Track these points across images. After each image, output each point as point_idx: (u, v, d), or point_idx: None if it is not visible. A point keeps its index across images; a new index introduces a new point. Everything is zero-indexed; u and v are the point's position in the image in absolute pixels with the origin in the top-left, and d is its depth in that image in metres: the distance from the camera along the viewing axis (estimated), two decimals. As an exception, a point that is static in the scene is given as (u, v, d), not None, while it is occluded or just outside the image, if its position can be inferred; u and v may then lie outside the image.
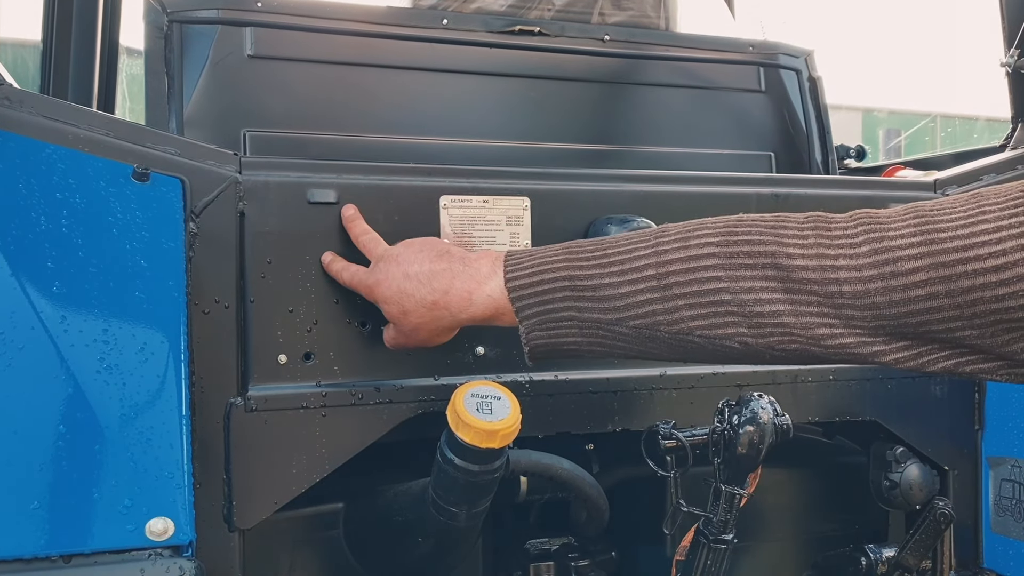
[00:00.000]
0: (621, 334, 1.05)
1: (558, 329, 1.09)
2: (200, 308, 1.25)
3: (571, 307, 1.07)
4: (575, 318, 1.07)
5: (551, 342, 1.10)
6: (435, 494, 1.31)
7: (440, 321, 1.19)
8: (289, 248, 1.30)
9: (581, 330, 1.07)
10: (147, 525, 0.95)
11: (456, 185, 1.39)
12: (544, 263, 1.10)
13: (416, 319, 1.20)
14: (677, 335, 1.01)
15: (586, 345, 1.09)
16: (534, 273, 1.10)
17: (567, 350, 1.11)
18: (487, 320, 1.16)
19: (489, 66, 2.02)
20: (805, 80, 2.23)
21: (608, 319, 1.05)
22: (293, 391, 1.30)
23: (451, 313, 1.17)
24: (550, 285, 1.09)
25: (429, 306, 1.18)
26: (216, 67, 1.81)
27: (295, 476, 1.30)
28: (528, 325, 1.11)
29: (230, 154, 1.30)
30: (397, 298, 1.20)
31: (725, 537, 1.36)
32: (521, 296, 1.11)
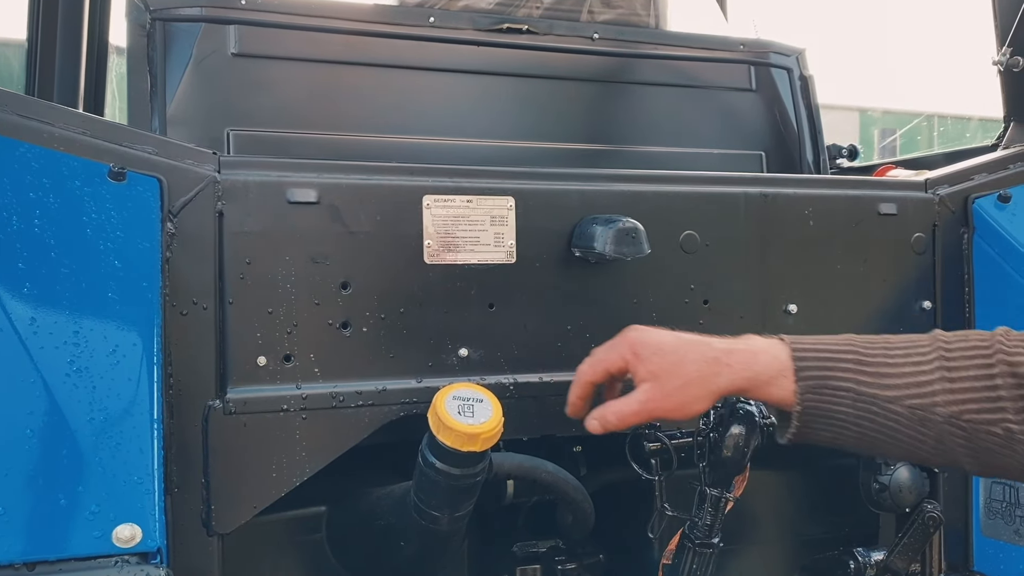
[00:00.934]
0: (894, 413, 1.10)
1: (834, 397, 1.12)
2: (178, 309, 1.23)
3: (852, 379, 1.11)
4: (853, 390, 1.11)
5: (822, 407, 1.13)
6: (417, 498, 1.30)
7: (715, 380, 1.16)
8: (268, 249, 1.28)
9: (855, 403, 1.11)
10: (114, 532, 0.93)
11: (439, 185, 1.38)
12: (828, 339, 1.16)
13: (692, 375, 1.17)
14: (950, 419, 1.08)
15: (854, 419, 1.12)
16: (818, 344, 1.15)
17: (835, 422, 1.13)
18: (762, 384, 1.15)
19: (476, 64, 2.00)
20: (796, 79, 2.22)
21: (886, 395, 1.10)
22: (272, 393, 1.28)
23: (732, 370, 1.16)
24: (835, 355, 1.14)
25: (710, 361, 1.16)
26: (199, 65, 1.79)
27: (275, 480, 1.28)
28: (804, 386, 1.13)
29: (209, 153, 1.28)
30: (674, 348, 1.18)
31: (711, 541, 1.34)
32: (805, 358, 1.14)
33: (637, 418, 1.20)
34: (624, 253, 1.38)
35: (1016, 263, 1.64)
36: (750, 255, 1.54)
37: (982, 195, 1.71)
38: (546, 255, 1.42)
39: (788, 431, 1.15)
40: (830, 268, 1.59)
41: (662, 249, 1.48)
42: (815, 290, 1.58)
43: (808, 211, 1.59)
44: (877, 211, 1.63)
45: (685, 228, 1.50)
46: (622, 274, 1.46)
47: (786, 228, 1.57)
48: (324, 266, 1.31)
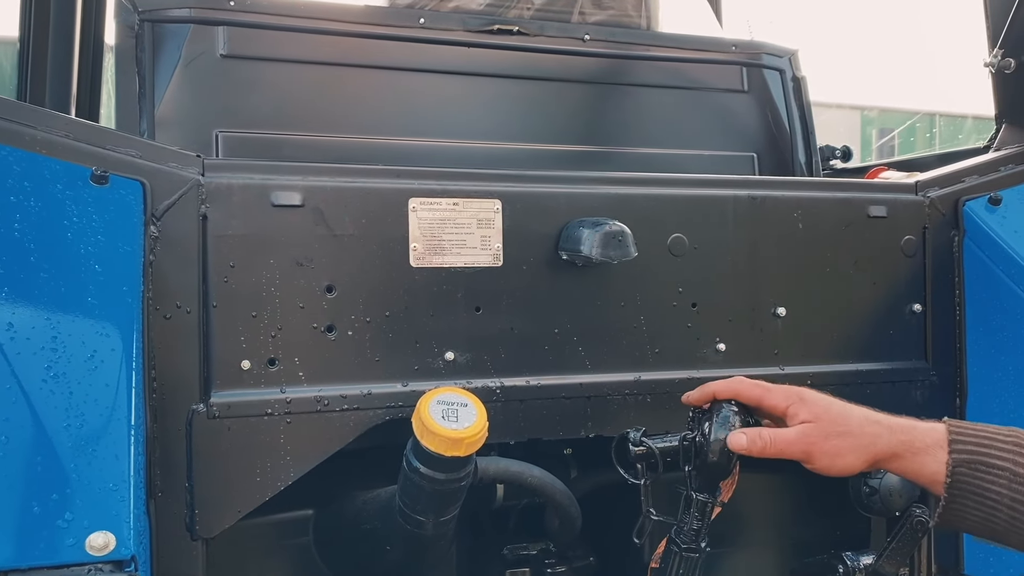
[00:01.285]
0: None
1: (988, 474, 1.12)
2: (161, 313, 1.23)
3: (1010, 459, 1.11)
4: (1010, 470, 1.11)
5: (974, 484, 1.12)
6: (402, 502, 1.29)
7: (873, 440, 1.18)
8: (253, 252, 1.28)
9: (1011, 483, 1.10)
10: (87, 540, 0.93)
11: (425, 187, 1.37)
12: (991, 426, 1.16)
13: (854, 427, 1.19)
14: None
15: (1008, 501, 1.11)
16: (978, 426, 1.16)
17: (987, 501, 1.12)
18: (917, 451, 1.16)
19: (467, 66, 2.00)
20: (789, 80, 2.21)
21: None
22: (257, 397, 1.27)
23: (890, 433, 1.18)
24: (995, 436, 1.14)
25: (872, 422, 1.19)
26: (188, 67, 1.79)
27: (259, 484, 1.27)
28: (957, 459, 1.13)
29: (193, 156, 1.28)
30: (841, 405, 1.21)
31: (697, 546, 1.33)
32: (963, 433, 1.14)
33: (790, 448, 1.21)
34: (610, 256, 1.38)
35: (1006, 267, 1.63)
36: (739, 258, 1.54)
37: (972, 197, 1.70)
38: (533, 258, 1.42)
39: (937, 508, 1.14)
40: (819, 271, 1.59)
41: (650, 252, 1.47)
42: (804, 293, 1.57)
43: (797, 213, 1.58)
44: (867, 214, 1.63)
45: (673, 231, 1.50)
46: (609, 277, 1.45)
47: (775, 230, 1.56)
48: (309, 269, 1.30)
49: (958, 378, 1.66)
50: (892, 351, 1.63)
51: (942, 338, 1.66)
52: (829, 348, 1.59)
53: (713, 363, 1.52)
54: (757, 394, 1.25)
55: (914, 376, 1.64)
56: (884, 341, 1.62)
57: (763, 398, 1.25)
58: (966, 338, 1.65)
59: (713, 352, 1.52)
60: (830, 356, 1.59)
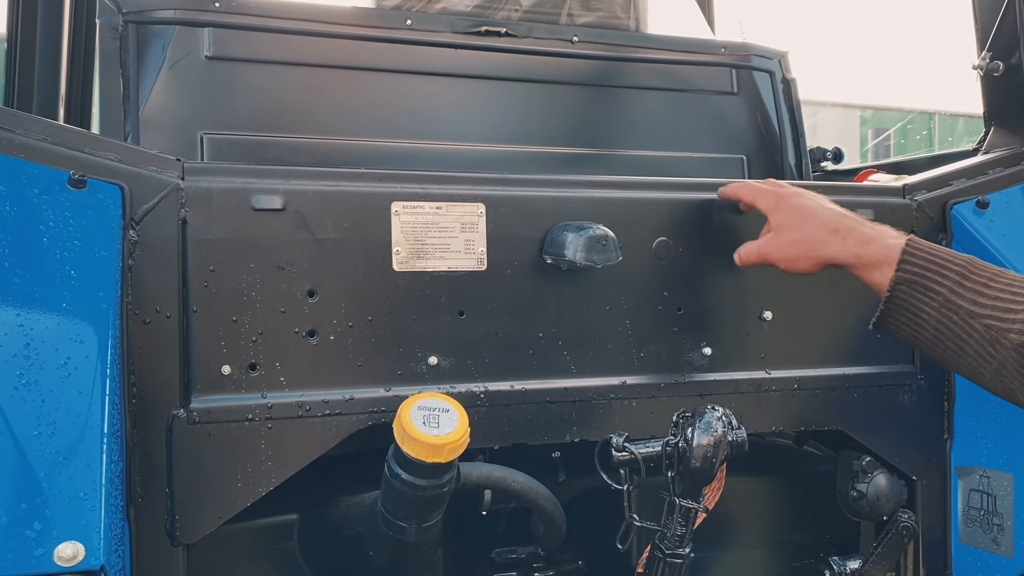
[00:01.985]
0: (972, 328, 1.18)
1: (924, 295, 1.21)
2: (141, 318, 1.22)
3: (947, 287, 1.20)
4: (944, 296, 1.20)
5: (910, 303, 1.22)
6: (384, 508, 1.29)
7: (825, 248, 1.31)
8: (233, 256, 1.27)
9: (941, 308, 1.20)
10: (56, 550, 0.92)
11: (408, 191, 1.36)
12: (946, 250, 1.25)
13: (808, 235, 1.33)
14: (1018, 347, 1.14)
15: (935, 322, 1.21)
16: (934, 249, 1.24)
17: (918, 320, 1.22)
18: (866, 265, 1.28)
19: (454, 68, 1.99)
20: (779, 82, 2.20)
21: (971, 310, 1.18)
22: (238, 403, 1.27)
23: (843, 246, 1.30)
24: (942, 263, 1.22)
25: (830, 230, 1.32)
26: (173, 68, 1.78)
27: (240, 490, 1.27)
28: (900, 278, 1.23)
29: (172, 159, 1.27)
30: (805, 208, 1.34)
31: (681, 552, 1.33)
32: (913, 255, 1.23)
33: (755, 258, 1.41)
34: (595, 260, 1.37)
35: (994, 269, 1.63)
36: (725, 261, 1.52)
37: (960, 201, 1.69)
38: (517, 262, 1.41)
39: (874, 315, 1.26)
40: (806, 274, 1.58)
41: (635, 256, 1.46)
42: (790, 297, 1.57)
43: None
44: None
45: (658, 235, 1.49)
46: (594, 281, 1.45)
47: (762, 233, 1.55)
48: (290, 273, 1.30)
49: (946, 382, 1.65)
50: (879, 355, 1.62)
51: None
52: (816, 352, 1.58)
53: (699, 367, 1.51)
54: (749, 196, 1.44)
55: (902, 380, 1.63)
56: (871, 345, 1.61)
57: (754, 200, 1.42)
58: (954, 341, 1.64)
59: (699, 356, 1.51)
60: (817, 360, 1.58)
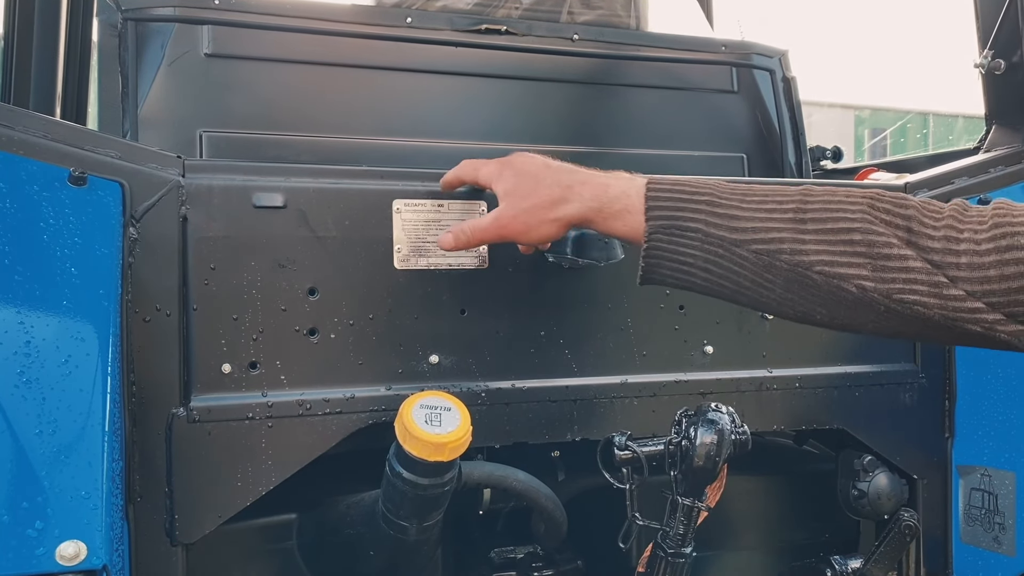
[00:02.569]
0: (740, 257, 1.08)
1: (682, 238, 1.11)
2: (141, 316, 1.21)
3: (702, 220, 1.10)
4: (701, 231, 1.10)
5: (670, 248, 1.12)
6: (385, 508, 1.28)
7: (563, 206, 1.18)
8: (234, 254, 1.26)
9: (703, 244, 1.10)
10: (58, 549, 0.91)
11: (410, 188, 1.36)
12: (689, 181, 1.15)
13: (542, 198, 1.19)
14: (796, 267, 1.05)
15: (702, 262, 1.10)
16: (676, 184, 1.14)
17: (683, 263, 1.12)
18: (610, 216, 1.16)
19: (454, 66, 1.98)
20: (779, 80, 2.20)
21: (733, 238, 1.08)
22: (238, 401, 1.26)
23: (581, 200, 1.17)
24: (689, 197, 1.12)
25: (563, 187, 1.18)
26: (172, 66, 1.77)
27: (240, 489, 1.26)
28: (653, 226, 1.12)
29: (173, 157, 1.26)
30: (532, 170, 1.21)
31: (683, 551, 1.32)
32: (658, 198, 1.13)
33: (487, 234, 1.23)
34: (597, 258, 1.36)
35: (996, 268, 1.62)
36: None
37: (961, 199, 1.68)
38: (519, 260, 1.40)
39: (638, 269, 1.15)
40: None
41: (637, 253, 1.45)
42: None
43: None
44: None
45: None
46: (596, 279, 1.44)
47: None
48: (291, 271, 1.29)
49: (947, 380, 1.65)
50: (880, 354, 1.62)
51: None
52: (817, 351, 1.58)
53: (700, 366, 1.51)
54: (470, 173, 1.28)
55: (903, 379, 1.63)
56: (873, 344, 1.61)
57: (476, 177, 1.27)
58: (955, 340, 1.64)
59: (700, 355, 1.51)
60: (818, 359, 1.58)
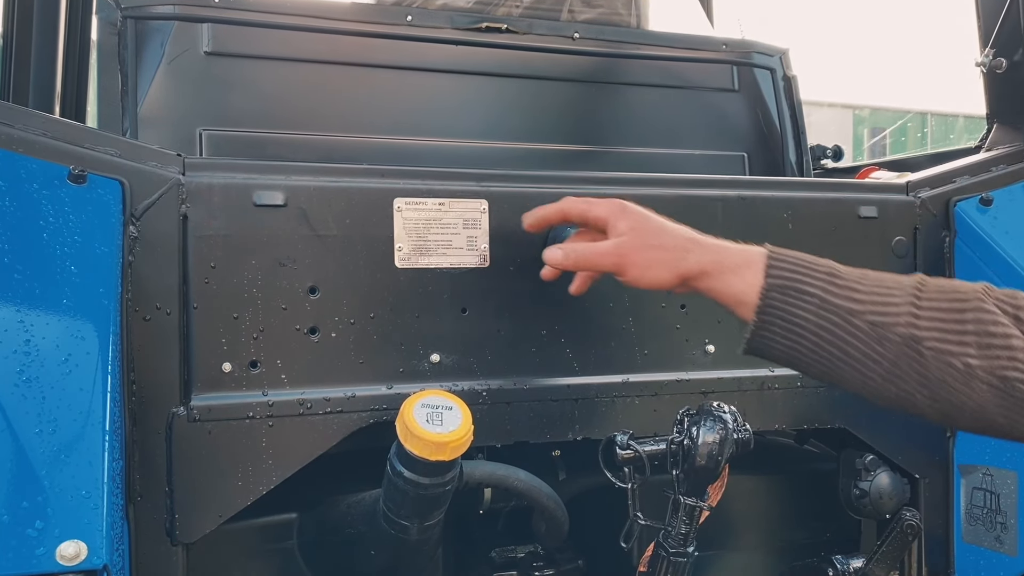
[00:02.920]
0: (854, 327, 1.10)
1: (799, 300, 1.12)
2: (141, 315, 1.21)
3: (820, 287, 1.11)
4: (819, 296, 1.11)
5: (785, 308, 1.12)
6: (386, 507, 1.28)
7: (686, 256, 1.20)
8: (234, 252, 1.26)
9: (819, 310, 1.11)
10: (58, 549, 0.90)
11: (411, 187, 1.35)
12: (808, 255, 1.17)
13: (667, 244, 1.22)
14: (908, 341, 1.08)
15: (814, 327, 1.11)
16: (797, 254, 1.16)
17: (795, 327, 1.12)
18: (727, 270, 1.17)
19: (455, 64, 1.98)
20: (780, 79, 2.19)
21: (851, 307, 1.10)
22: (238, 400, 1.25)
23: (702, 253, 1.19)
24: (810, 265, 1.14)
25: (687, 239, 1.22)
26: (172, 64, 1.76)
27: (240, 488, 1.25)
28: (772, 284, 1.13)
29: (173, 155, 1.26)
30: (656, 218, 1.24)
31: (685, 550, 1.32)
32: (779, 260, 1.14)
33: (604, 260, 1.23)
34: (598, 257, 1.36)
35: (998, 267, 1.62)
36: None
37: (964, 198, 1.68)
38: (520, 259, 1.40)
39: (745, 333, 1.15)
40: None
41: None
42: None
43: (787, 214, 1.57)
44: (857, 214, 1.61)
45: None
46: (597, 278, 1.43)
47: (764, 231, 1.54)
48: (291, 270, 1.29)
49: (949, 380, 1.64)
50: None
51: None
52: None
53: (702, 365, 1.50)
54: (581, 208, 1.28)
55: None
56: None
57: (587, 212, 1.27)
58: (956, 340, 1.64)
59: (702, 354, 1.50)
60: None
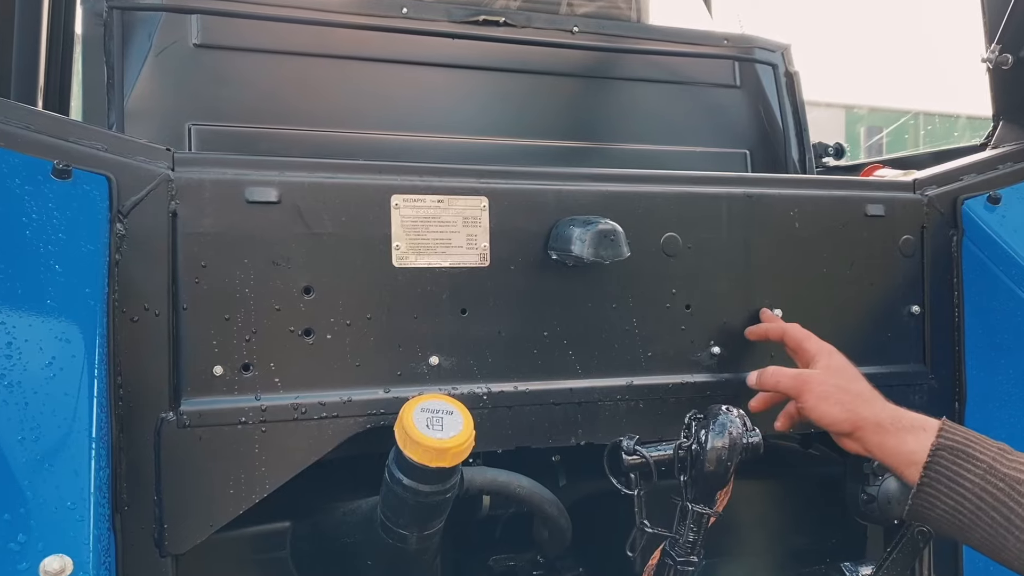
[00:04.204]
0: (1020, 493, 1.10)
1: (967, 463, 1.13)
2: (128, 316, 1.16)
3: (991, 456, 1.13)
4: (988, 464, 1.12)
5: (951, 470, 1.13)
6: (383, 515, 1.23)
7: (864, 403, 1.24)
8: (226, 251, 1.21)
9: (986, 475, 1.12)
10: (42, 564, 0.86)
11: (409, 184, 1.30)
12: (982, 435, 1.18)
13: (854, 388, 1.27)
14: None
15: (978, 490, 1.11)
16: (972, 431, 1.17)
17: (959, 489, 1.13)
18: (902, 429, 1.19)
19: (451, 58, 1.93)
20: (782, 75, 2.16)
21: (1018, 477, 1.10)
22: (230, 405, 1.21)
23: (882, 408, 1.23)
24: (982, 438, 1.15)
25: (873, 394, 1.27)
26: (160, 57, 1.71)
27: (232, 497, 1.21)
28: (942, 444, 1.14)
29: (162, 149, 1.21)
30: (854, 368, 1.31)
31: (693, 559, 1.28)
32: (952, 428, 1.16)
33: (788, 380, 1.30)
34: (603, 256, 1.32)
35: (1006, 267, 1.59)
36: (734, 258, 1.48)
37: (971, 196, 1.65)
38: (521, 258, 1.36)
39: (911, 492, 1.16)
40: (816, 272, 1.54)
41: (643, 252, 1.41)
42: (800, 295, 1.52)
43: (793, 212, 1.53)
44: (864, 212, 1.58)
45: (666, 230, 1.44)
46: (601, 278, 1.39)
47: (771, 230, 1.51)
48: (285, 269, 1.24)
49: (957, 382, 1.61)
50: (890, 355, 1.58)
51: (941, 341, 1.61)
52: None
53: (707, 367, 1.46)
54: (800, 337, 1.38)
55: (912, 380, 1.59)
56: (882, 345, 1.57)
57: (802, 342, 1.37)
58: (965, 341, 1.60)
59: (707, 356, 1.46)
60: None
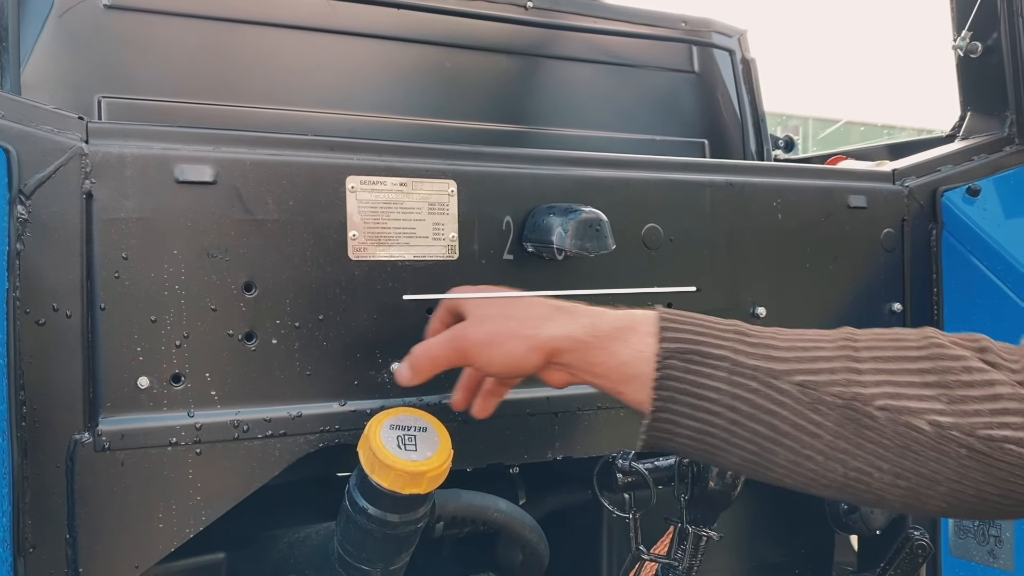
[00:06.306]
0: (779, 392, 0.84)
1: (704, 367, 0.86)
2: (33, 318, 0.96)
3: (729, 348, 0.86)
4: (729, 359, 0.86)
5: (688, 380, 0.86)
6: (342, 549, 1.06)
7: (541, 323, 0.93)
8: (152, 240, 1.02)
9: (731, 374, 0.85)
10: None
11: (367, 163, 1.14)
12: (706, 316, 0.91)
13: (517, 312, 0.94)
14: (852, 401, 0.82)
15: (728, 398, 0.85)
16: (694, 314, 0.91)
17: (705, 402, 0.86)
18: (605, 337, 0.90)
19: (391, 30, 1.76)
20: (739, 62, 2.06)
21: (770, 368, 0.84)
22: (158, 423, 1.02)
23: (569, 317, 0.92)
24: (711, 322, 0.89)
25: (552, 307, 0.94)
26: (63, 19, 1.49)
27: (162, 532, 1.02)
28: (668, 350, 0.86)
29: (73, 118, 1.01)
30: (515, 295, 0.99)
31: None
32: (674, 319, 0.89)
33: (443, 352, 0.98)
34: (587, 248, 1.18)
35: (989, 260, 1.53)
36: (716, 251, 1.37)
37: (951, 188, 1.59)
38: (494, 250, 1.21)
39: (643, 420, 0.88)
40: (799, 268, 1.45)
41: (623, 244, 1.28)
42: (784, 292, 1.43)
43: (776, 203, 1.43)
44: (847, 204, 1.49)
45: (648, 220, 1.31)
46: (579, 272, 1.26)
47: (753, 221, 1.40)
48: (223, 262, 1.05)
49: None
50: None
51: None
52: None
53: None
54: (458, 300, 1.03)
55: None
56: None
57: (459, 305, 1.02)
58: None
59: (691, 358, 1.34)
60: None
